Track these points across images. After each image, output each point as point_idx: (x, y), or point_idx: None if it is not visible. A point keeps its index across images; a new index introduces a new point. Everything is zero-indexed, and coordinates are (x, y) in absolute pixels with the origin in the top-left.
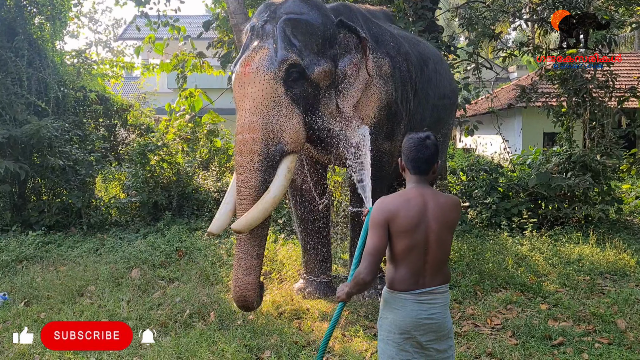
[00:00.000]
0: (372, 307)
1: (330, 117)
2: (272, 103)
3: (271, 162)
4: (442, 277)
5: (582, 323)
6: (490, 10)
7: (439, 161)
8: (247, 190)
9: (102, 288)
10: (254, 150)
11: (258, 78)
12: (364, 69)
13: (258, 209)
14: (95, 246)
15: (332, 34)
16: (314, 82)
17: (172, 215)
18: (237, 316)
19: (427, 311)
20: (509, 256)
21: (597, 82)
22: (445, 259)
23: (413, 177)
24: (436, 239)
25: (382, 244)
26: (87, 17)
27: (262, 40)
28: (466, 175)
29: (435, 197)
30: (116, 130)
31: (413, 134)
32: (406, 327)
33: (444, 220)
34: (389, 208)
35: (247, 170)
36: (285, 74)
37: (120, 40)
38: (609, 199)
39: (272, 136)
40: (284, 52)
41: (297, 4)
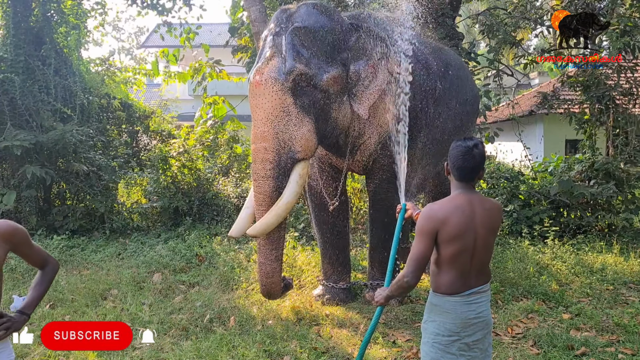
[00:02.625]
0: (392, 315)
1: (345, 121)
2: (281, 113)
3: (283, 170)
4: (485, 276)
5: (605, 333)
6: (512, 17)
7: (485, 169)
8: (262, 196)
9: (125, 292)
10: (266, 158)
11: (267, 89)
12: (382, 71)
13: (272, 214)
14: (117, 250)
15: (342, 39)
16: (323, 89)
17: (192, 220)
18: (256, 321)
19: (474, 311)
20: (531, 265)
21: (620, 89)
22: (488, 260)
23: (458, 184)
24: (483, 244)
25: (429, 251)
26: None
27: (273, 50)
28: (487, 182)
29: (482, 204)
30: (138, 137)
31: (461, 141)
32: (456, 328)
33: (490, 226)
34: (439, 216)
35: (260, 178)
36: (292, 84)
37: (142, 47)
38: (633, 207)
39: (283, 145)
40: (291, 63)
41: (307, 11)
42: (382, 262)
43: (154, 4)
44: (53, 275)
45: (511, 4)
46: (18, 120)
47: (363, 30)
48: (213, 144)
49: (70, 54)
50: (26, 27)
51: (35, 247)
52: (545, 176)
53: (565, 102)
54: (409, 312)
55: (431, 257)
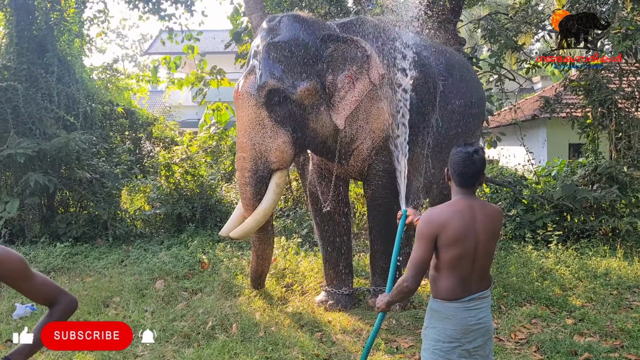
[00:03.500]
0: (394, 321)
1: (324, 130)
2: (257, 126)
3: (260, 178)
4: (486, 282)
5: (609, 338)
6: (513, 22)
7: (485, 174)
8: (244, 201)
9: (127, 299)
10: (244, 167)
11: (244, 103)
12: (362, 80)
13: (251, 220)
14: (120, 257)
15: (316, 51)
16: (297, 101)
17: (195, 227)
18: (259, 328)
19: (475, 317)
20: (534, 269)
21: (622, 92)
22: (489, 265)
23: (459, 189)
24: (484, 249)
25: (429, 255)
26: (115, 32)
27: (253, 64)
28: (489, 187)
29: (483, 209)
30: (141, 143)
31: (461, 147)
32: (457, 335)
33: (491, 231)
34: (439, 221)
35: (241, 184)
36: (266, 99)
37: (146, 54)
38: (636, 211)
39: (259, 155)
40: (263, 78)
41: (284, 24)
42: (383, 268)
43: (156, 9)
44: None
45: (512, 8)
46: (21, 128)
47: (341, 41)
48: (216, 150)
49: (73, 61)
50: (29, 36)
51: (36, 280)
52: (548, 180)
53: (568, 106)
54: (411, 318)
55: (431, 263)
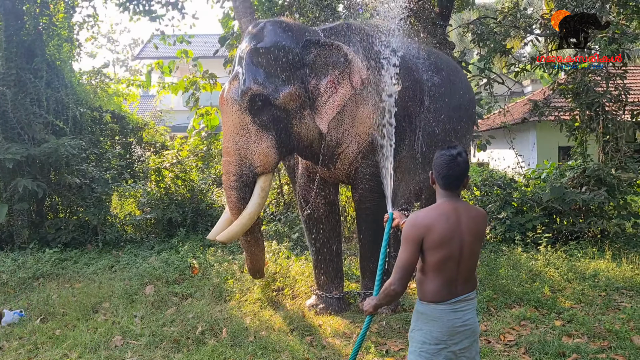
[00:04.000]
0: (384, 324)
1: (309, 134)
2: (241, 130)
3: (245, 182)
4: (471, 284)
5: (597, 340)
6: (502, 26)
7: (469, 176)
8: (230, 205)
9: (117, 305)
10: (229, 171)
11: (228, 109)
12: (344, 85)
13: (237, 224)
14: (110, 263)
15: (298, 56)
16: (280, 106)
17: (186, 231)
18: (249, 332)
19: (461, 318)
20: (523, 271)
21: (609, 95)
22: (475, 267)
23: (444, 192)
24: (469, 251)
25: (415, 258)
26: (106, 37)
27: (237, 70)
28: (480, 190)
29: (467, 211)
30: (132, 148)
31: (445, 150)
32: (443, 337)
33: (476, 233)
34: (424, 223)
35: (227, 188)
36: (249, 104)
37: (137, 59)
38: (625, 213)
39: (244, 160)
40: (246, 84)
41: (267, 30)
42: (373, 271)
43: (147, 10)
44: None
45: (501, 13)
46: (10, 133)
47: (323, 46)
48: (207, 155)
49: (62, 66)
50: (18, 40)
51: None
52: (537, 183)
53: (556, 109)
54: (401, 321)
55: (417, 265)
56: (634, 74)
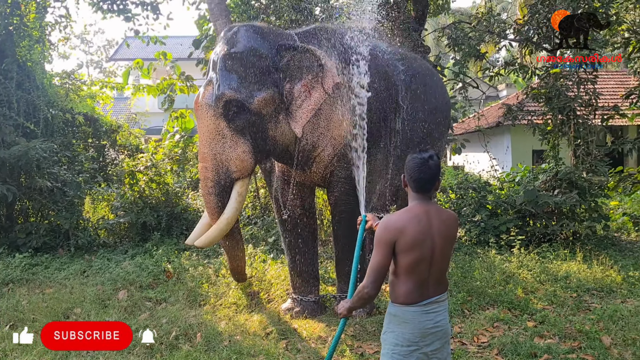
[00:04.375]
0: (359, 327)
1: (284, 138)
2: (217, 136)
3: (223, 188)
4: (443, 286)
5: (568, 340)
6: (476, 31)
7: (441, 179)
8: (208, 210)
9: (88, 310)
10: (206, 177)
11: (203, 114)
12: (318, 89)
13: (214, 229)
14: (82, 268)
15: (272, 61)
16: (255, 111)
17: (160, 235)
18: (223, 337)
19: (432, 320)
20: (497, 274)
21: (580, 100)
22: (446, 269)
23: (416, 195)
24: (440, 253)
25: (387, 261)
26: (79, 38)
27: (211, 75)
28: (455, 193)
29: (439, 214)
30: (105, 151)
31: (417, 153)
32: (414, 338)
33: (447, 235)
34: (396, 226)
35: (205, 194)
36: (223, 109)
37: (112, 61)
38: (595, 215)
39: (220, 165)
40: (220, 89)
41: (240, 35)
42: (349, 274)
43: (121, 10)
44: None
45: (475, 18)
46: None
47: (297, 50)
48: (182, 158)
49: (33, 67)
50: None
51: None
52: (511, 186)
53: (529, 113)
54: (377, 324)
55: (390, 268)
56: (605, 79)
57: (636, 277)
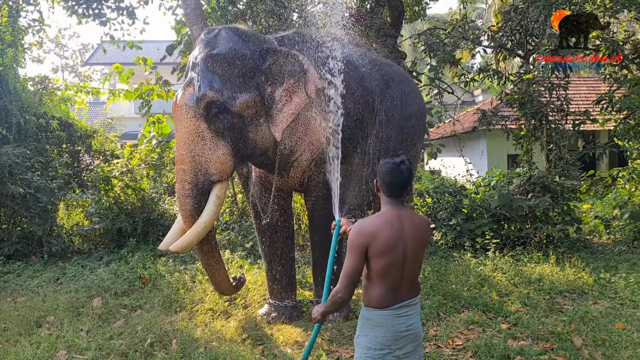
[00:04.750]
0: (336, 331)
1: (264, 142)
2: (197, 138)
3: (201, 190)
4: (415, 289)
5: (540, 341)
6: (451, 37)
7: (413, 183)
8: (184, 214)
9: (62, 318)
10: (184, 179)
11: (183, 115)
12: (299, 94)
13: (191, 233)
14: (56, 275)
15: (255, 63)
16: (236, 113)
17: (136, 241)
18: (199, 344)
19: (405, 323)
20: (472, 277)
21: (552, 105)
22: (418, 273)
23: (388, 199)
24: (412, 257)
25: (360, 266)
26: (54, 42)
27: (191, 76)
28: (431, 197)
29: (411, 218)
30: (80, 157)
31: (388, 158)
32: (387, 342)
33: (419, 239)
34: (369, 231)
35: (181, 197)
36: (205, 111)
37: (87, 65)
38: (568, 219)
39: (199, 167)
40: (202, 91)
41: (223, 37)
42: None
43: (97, 14)
44: None
45: (450, 24)
46: None
47: (279, 54)
48: (159, 163)
49: (6, 72)
50: None
51: None
52: (487, 190)
53: (503, 118)
54: (353, 328)
55: (363, 272)
56: (578, 85)
57: (607, 278)
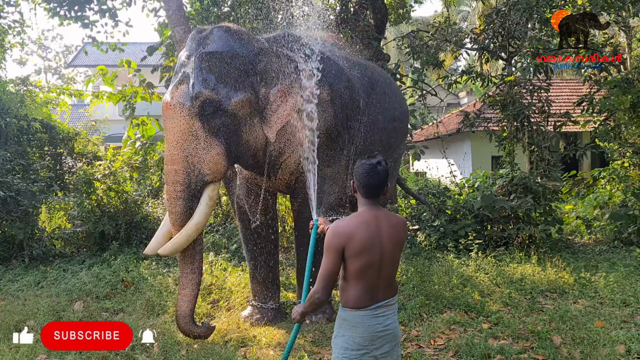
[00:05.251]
0: (319, 333)
1: (257, 142)
2: (190, 137)
3: (193, 191)
4: (392, 289)
5: (520, 340)
6: (434, 40)
7: (389, 184)
8: (174, 216)
9: (42, 322)
10: (176, 180)
11: (176, 114)
12: (294, 95)
13: (182, 235)
14: (37, 279)
15: (250, 63)
16: (231, 113)
17: (119, 244)
18: (181, 346)
19: (382, 324)
20: (455, 277)
21: (534, 107)
22: (395, 273)
23: (365, 200)
24: (389, 258)
25: (337, 266)
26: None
27: (183, 75)
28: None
29: (387, 219)
30: (62, 159)
31: (365, 160)
32: (364, 342)
33: (396, 240)
34: (345, 232)
35: (172, 198)
36: (199, 109)
37: (70, 67)
38: (550, 219)
39: (192, 167)
40: (197, 88)
41: (217, 35)
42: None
43: (79, 16)
44: None
45: (433, 27)
46: None
47: (274, 55)
48: (142, 166)
49: None
50: None
51: None
52: (470, 191)
53: (485, 120)
54: None
55: (340, 273)
56: (560, 86)
57: (587, 278)
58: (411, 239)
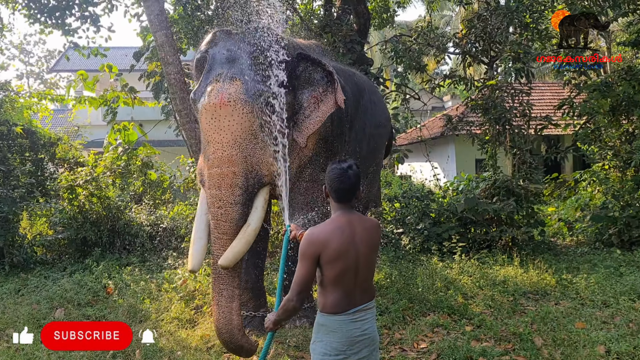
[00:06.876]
0: (302, 337)
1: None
2: (250, 136)
3: (250, 195)
4: (370, 294)
5: (502, 342)
6: (417, 44)
7: (361, 188)
8: (228, 224)
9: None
10: (235, 183)
11: (236, 111)
12: (327, 102)
13: (242, 242)
14: (17, 287)
15: (292, 67)
16: (280, 114)
17: (102, 251)
18: (164, 353)
19: (360, 328)
20: (439, 280)
21: (515, 111)
22: (372, 277)
23: (338, 205)
24: (365, 261)
25: (312, 274)
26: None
27: (229, 71)
28: (399, 202)
29: (361, 223)
30: (44, 165)
31: (336, 163)
32: (342, 347)
33: (371, 243)
34: (320, 239)
35: (227, 204)
36: (262, 106)
37: (53, 72)
38: (532, 222)
39: (251, 169)
40: (258, 85)
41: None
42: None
43: (59, 24)
44: None
45: (415, 31)
46: None
47: (310, 62)
48: (125, 171)
49: None
50: None
51: None
52: (454, 194)
53: (468, 124)
54: None
55: (317, 279)
56: (542, 91)
57: (569, 279)
58: (395, 242)
